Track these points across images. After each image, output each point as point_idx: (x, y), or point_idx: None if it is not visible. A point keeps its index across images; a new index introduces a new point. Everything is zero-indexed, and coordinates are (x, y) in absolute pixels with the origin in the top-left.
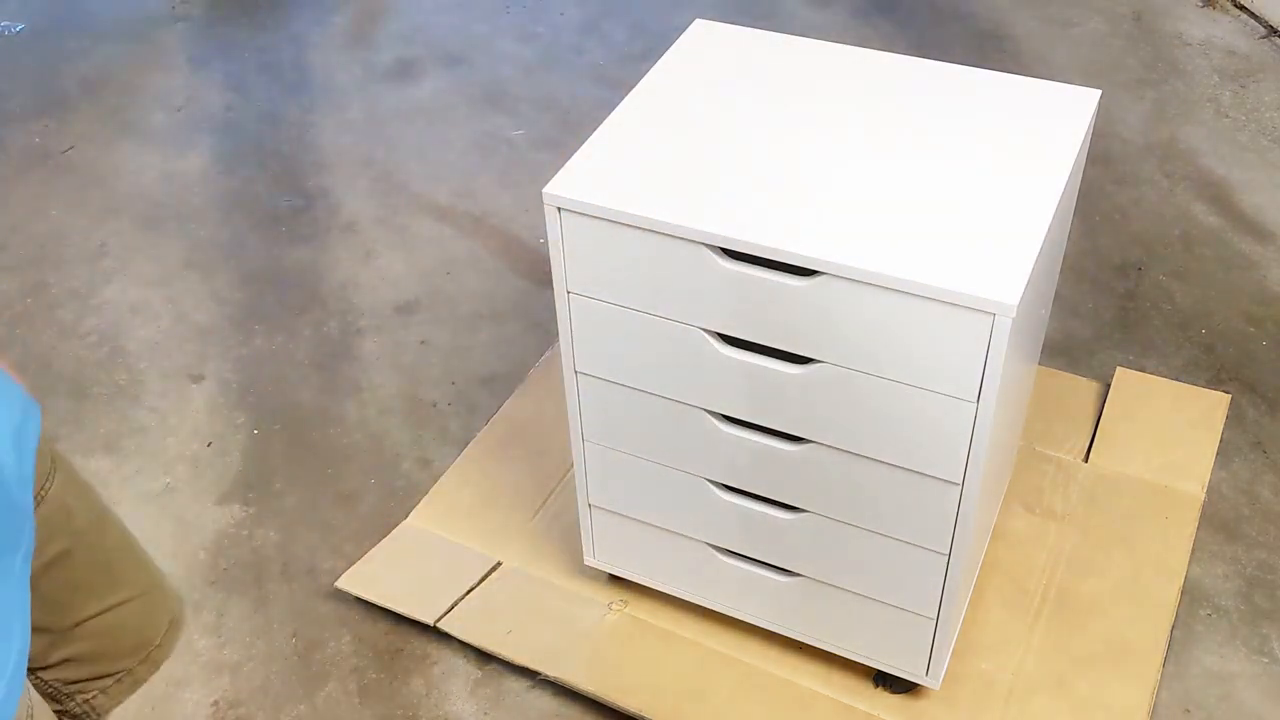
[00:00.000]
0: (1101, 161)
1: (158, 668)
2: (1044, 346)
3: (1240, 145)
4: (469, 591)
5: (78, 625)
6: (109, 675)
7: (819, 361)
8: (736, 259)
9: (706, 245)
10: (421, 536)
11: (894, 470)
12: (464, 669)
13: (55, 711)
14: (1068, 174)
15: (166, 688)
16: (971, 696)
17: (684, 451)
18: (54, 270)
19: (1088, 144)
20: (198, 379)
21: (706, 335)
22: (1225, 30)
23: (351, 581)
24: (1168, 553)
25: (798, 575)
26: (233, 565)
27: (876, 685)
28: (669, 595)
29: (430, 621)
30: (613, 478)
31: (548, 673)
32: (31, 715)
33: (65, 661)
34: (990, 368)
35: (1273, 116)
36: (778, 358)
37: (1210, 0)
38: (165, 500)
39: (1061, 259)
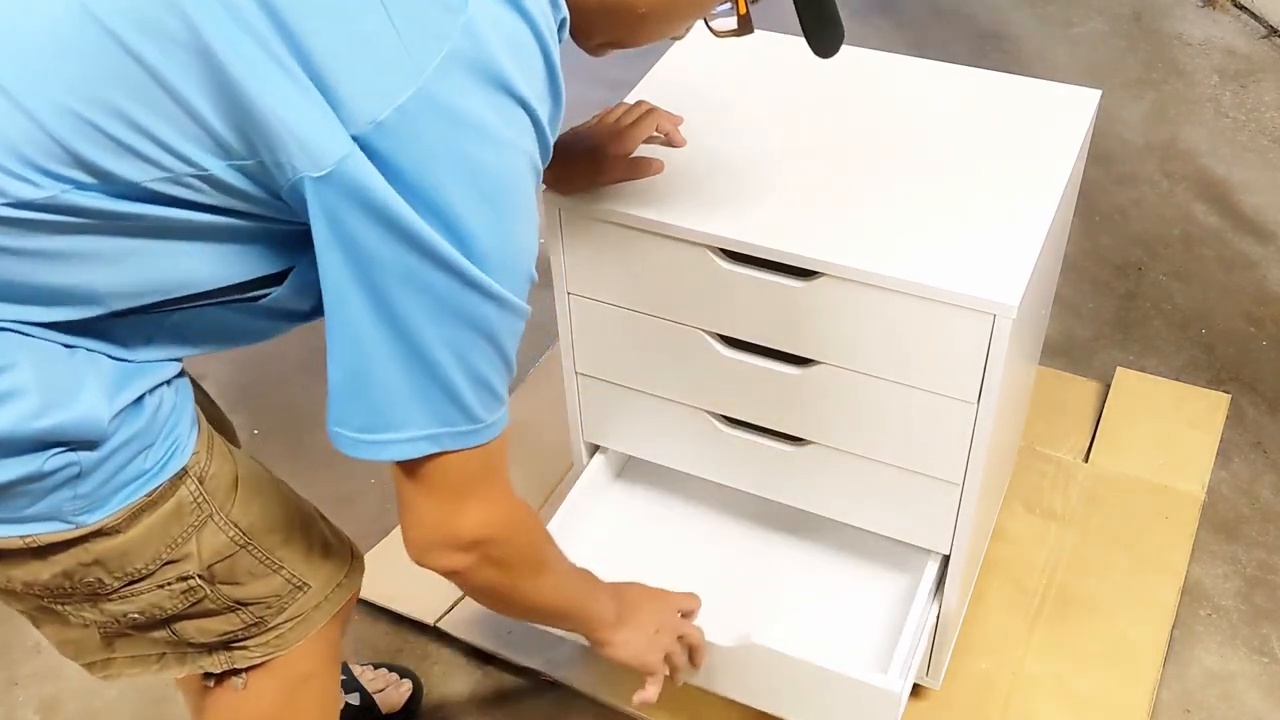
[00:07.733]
0: (1101, 161)
1: None
2: (1044, 346)
3: (1240, 145)
4: None
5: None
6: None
7: (819, 363)
8: (736, 260)
9: (706, 246)
10: None
11: (894, 471)
12: (464, 669)
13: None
14: (1068, 174)
15: (166, 688)
16: (971, 696)
17: (684, 454)
18: None
19: (1088, 144)
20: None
21: (706, 336)
22: (1225, 30)
23: None
24: (1168, 553)
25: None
26: None
27: None
28: None
29: (430, 621)
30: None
31: (548, 673)
32: (212, 447)
33: None
34: (990, 368)
35: (1273, 116)
36: (778, 359)
37: (1210, 0)
38: None
39: (1061, 259)
